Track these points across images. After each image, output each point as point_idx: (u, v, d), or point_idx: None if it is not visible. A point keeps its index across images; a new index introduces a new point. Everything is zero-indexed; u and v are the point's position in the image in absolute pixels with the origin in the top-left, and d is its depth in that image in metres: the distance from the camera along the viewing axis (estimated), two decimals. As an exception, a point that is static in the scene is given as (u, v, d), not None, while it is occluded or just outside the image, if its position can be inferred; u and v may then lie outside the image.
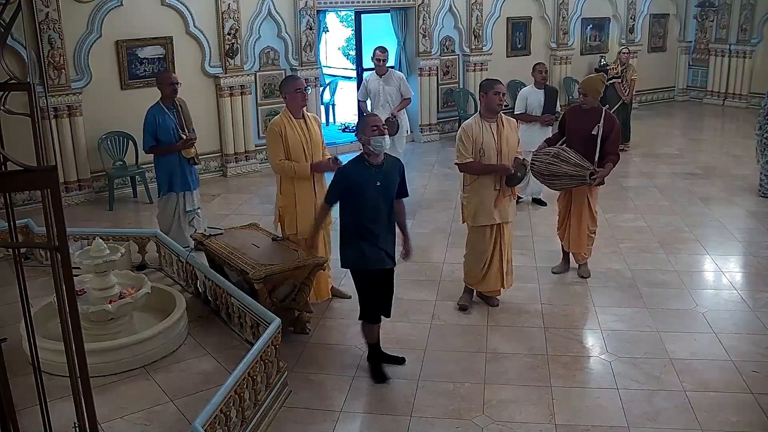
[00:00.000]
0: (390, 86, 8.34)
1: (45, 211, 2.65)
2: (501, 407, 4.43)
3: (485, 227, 5.54)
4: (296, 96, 5.51)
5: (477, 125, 5.40)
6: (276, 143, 5.49)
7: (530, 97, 8.26)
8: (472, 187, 5.51)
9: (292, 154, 5.51)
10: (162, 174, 6.81)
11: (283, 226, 5.77)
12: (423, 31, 11.78)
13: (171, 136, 6.65)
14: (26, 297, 2.91)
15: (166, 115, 6.65)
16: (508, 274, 5.74)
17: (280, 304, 5.25)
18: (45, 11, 8.35)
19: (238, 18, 9.83)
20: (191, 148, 6.75)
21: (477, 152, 5.37)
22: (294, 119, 5.55)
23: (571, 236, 6.32)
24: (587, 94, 6.03)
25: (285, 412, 4.42)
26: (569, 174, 5.87)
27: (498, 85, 5.35)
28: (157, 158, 6.83)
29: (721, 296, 6.06)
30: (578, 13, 13.84)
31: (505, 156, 5.40)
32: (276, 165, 5.57)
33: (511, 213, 5.61)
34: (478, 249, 5.63)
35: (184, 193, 6.87)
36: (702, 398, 4.48)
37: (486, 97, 5.35)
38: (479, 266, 5.63)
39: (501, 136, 5.38)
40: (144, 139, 6.73)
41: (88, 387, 2.40)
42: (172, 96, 6.68)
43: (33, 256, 6.77)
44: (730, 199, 8.74)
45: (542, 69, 8.30)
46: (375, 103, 8.45)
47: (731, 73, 14.68)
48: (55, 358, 4.42)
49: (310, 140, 5.56)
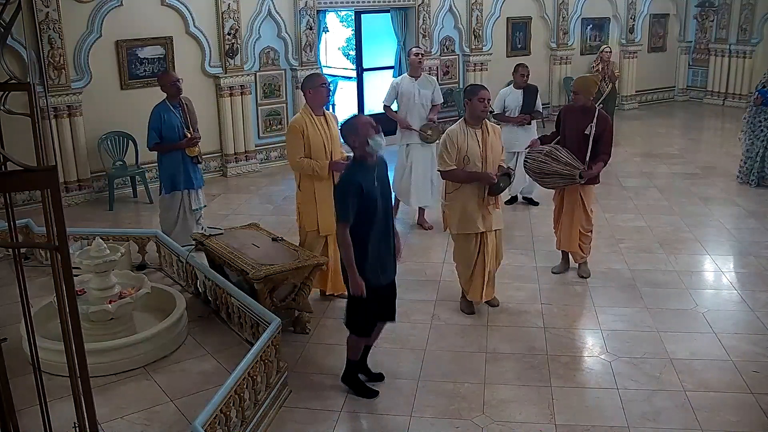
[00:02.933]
0: (425, 90, 7.54)
1: (45, 211, 2.65)
2: (501, 407, 4.43)
3: (469, 235, 5.46)
4: (321, 90, 5.52)
5: (462, 132, 5.33)
6: (296, 141, 5.50)
7: (508, 97, 8.24)
8: (454, 195, 5.43)
9: (314, 152, 5.51)
10: (165, 172, 6.83)
11: (303, 223, 5.76)
12: (423, 31, 11.78)
13: (175, 134, 6.69)
14: (26, 297, 2.91)
15: (171, 113, 6.68)
16: (489, 286, 5.60)
17: (280, 304, 5.25)
18: (45, 11, 8.35)
19: (238, 18, 9.83)
20: (195, 146, 6.78)
21: (461, 159, 5.29)
22: (315, 116, 5.56)
23: (562, 235, 6.33)
24: (578, 93, 6.04)
25: (285, 412, 4.42)
26: (560, 173, 5.87)
27: (482, 92, 5.28)
28: (161, 156, 6.85)
29: (721, 296, 6.06)
30: (578, 13, 13.84)
31: (490, 163, 5.33)
32: (295, 163, 5.57)
33: (496, 222, 5.49)
34: (463, 257, 5.57)
35: (189, 191, 6.88)
36: (702, 398, 4.48)
37: (470, 103, 5.28)
38: (467, 274, 5.58)
39: (486, 143, 5.32)
40: (148, 135, 6.75)
41: (88, 387, 2.40)
42: (177, 95, 6.72)
43: (33, 256, 6.77)
44: (730, 199, 8.75)
45: (524, 72, 8.19)
46: (406, 108, 7.56)
47: (731, 73, 14.68)
48: (55, 358, 4.42)
49: (330, 137, 5.57)
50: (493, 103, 8.12)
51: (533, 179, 6.30)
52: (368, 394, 4.56)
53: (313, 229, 5.69)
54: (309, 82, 5.61)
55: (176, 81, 6.70)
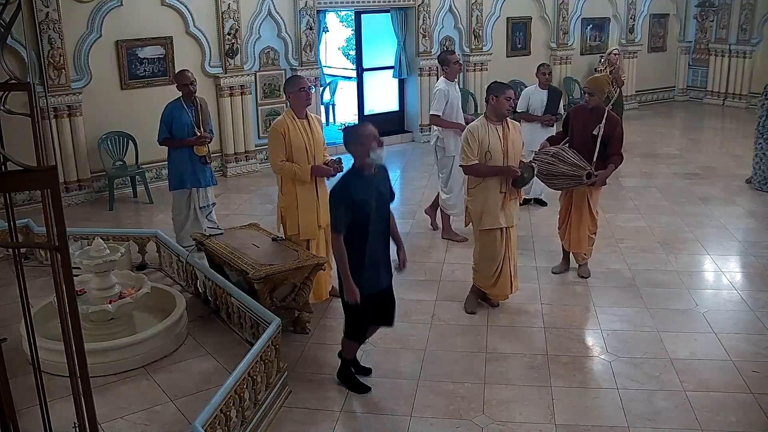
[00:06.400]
0: (457, 92, 7.40)
1: (45, 211, 2.65)
2: (501, 407, 4.43)
3: (495, 231, 5.48)
4: (300, 95, 5.51)
5: (483, 128, 5.38)
6: (278, 143, 5.48)
7: (532, 97, 8.29)
8: (477, 189, 5.48)
9: (295, 155, 5.50)
10: (173, 169, 6.92)
11: (285, 226, 5.76)
12: (423, 31, 11.78)
13: (185, 132, 6.75)
14: (26, 297, 2.91)
15: (183, 111, 6.76)
16: (515, 278, 5.71)
17: (280, 304, 5.25)
18: (45, 11, 8.35)
19: (238, 18, 9.83)
20: (203, 146, 6.81)
21: (483, 155, 5.34)
22: (297, 119, 5.54)
23: (571, 237, 6.32)
24: (593, 94, 6.03)
25: (285, 412, 4.42)
26: (567, 174, 5.88)
27: (509, 91, 5.34)
28: (170, 153, 6.92)
29: (721, 296, 6.06)
30: (578, 13, 13.84)
31: (511, 158, 5.38)
32: (276, 166, 5.56)
33: (516, 216, 5.58)
34: (489, 254, 5.55)
35: (197, 189, 6.93)
36: (702, 398, 4.48)
37: (496, 100, 5.31)
38: (491, 271, 5.56)
39: (507, 139, 5.37)
40: (159, 129, 6.83)
41: (88, 387, 2.40)
42: (189, 95, 6.79)
43: (33, 256, 6.77)
44: (730, 199, 8.75)
45: (546, 71, 8.28)
46: (451, 114, 7.24)
47: (731, 73, 14.68)
48: (55, 358, 4.42)
49: (313, 141, 5.56)
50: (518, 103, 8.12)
51: (541, 181, 6.30)
52: (360, 389, 4.61)
53: (295, 232, 5.67)
54: (289, 86, 5.63)
55: (188, 83, 6.76)
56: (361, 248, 4.26)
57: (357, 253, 4.25)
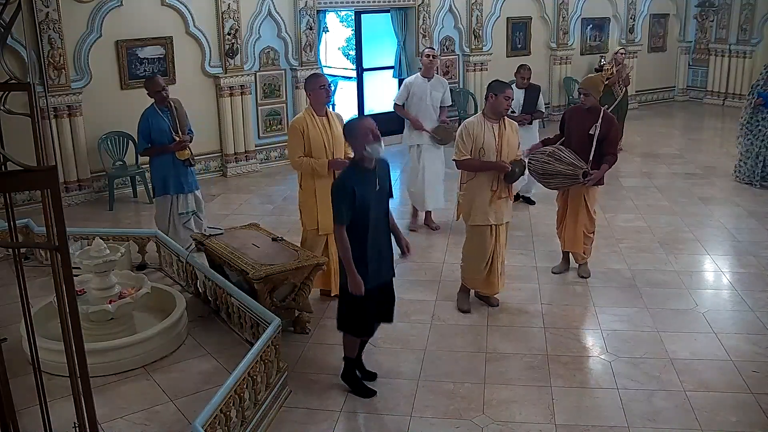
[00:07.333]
0: (437, 92, 7.43)
1: (45, 211, 2.65)
2: (501, 407, 4.43)
3: (485, 227, 5.52)
4: (320, 93, 5.56)
5: (479, 124, 5.43)
6: (296, 140, 5.54)
7: None
8: (468, 184, 5.52)
9: (314, 152, 5.54)
10: (156, 175, 6.74)
11: (304, 221, 5.77)
12: (423, 31, 11.78)
13: (165, 137, 6.57)
14: (26, 297, 2.91)
15: (159, 117, 6.57)
16: (502, 275, 5.74)
17: (280, 304, 5.25)
18: (45, 11, 8.35)
19: (238, 18, 9.83)
20: (185, 150, 6.65)
21: (477, 151, 5.39)
22: (317, 116, 5.59)
23: (567, 236, 6.33)
24: (588, 94, 6.03)
25: (285, 412, 4.42)
26: (563, 173, 5.89)
27: (509, 90, 5.41)
28: (152, 160, 6.76)
29: (721, 296, 6.06)
30: (578, 13, 13.84)
31: (505, 156, 5.41)
32: (294, 162, 5.63)
33: (507, 214, 5.59)
34: (479, 250, 5.59)
35: (178, 196, 6.77)
36: (702, 398, 4.48)
37: (495, 99, 5.35)
38: (480, 267, 5.60)
39: (502, 137, 5.40)
40: (138, 141, 6.75)
41: (88, 387, 2.40)
42: (163, 101, 6.61)
43: (33, 256, 6.77)
44: (730, 199, 8.75)
45: (524, 74, 8.23)
46: (416, 109, 7.41)
47: (731, 73, 14.67)
48: (55, 358, 4.42)
49: (332, 138, 5.59)
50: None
51: (537, 180, 6.30)
52: (366, 394, 4.58)
53: (313, 227, 5.70)
54: (309, 84, 5.68)
55: (160, 89, 6.56)
56: (362, 241, 4.28)
57: (359, 245, 4.26)
